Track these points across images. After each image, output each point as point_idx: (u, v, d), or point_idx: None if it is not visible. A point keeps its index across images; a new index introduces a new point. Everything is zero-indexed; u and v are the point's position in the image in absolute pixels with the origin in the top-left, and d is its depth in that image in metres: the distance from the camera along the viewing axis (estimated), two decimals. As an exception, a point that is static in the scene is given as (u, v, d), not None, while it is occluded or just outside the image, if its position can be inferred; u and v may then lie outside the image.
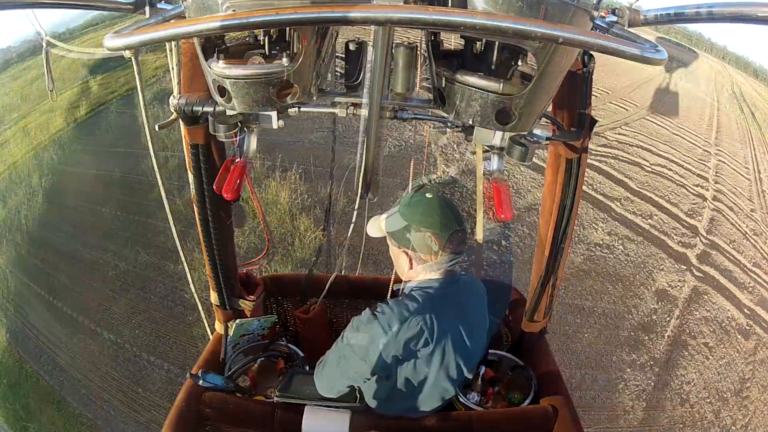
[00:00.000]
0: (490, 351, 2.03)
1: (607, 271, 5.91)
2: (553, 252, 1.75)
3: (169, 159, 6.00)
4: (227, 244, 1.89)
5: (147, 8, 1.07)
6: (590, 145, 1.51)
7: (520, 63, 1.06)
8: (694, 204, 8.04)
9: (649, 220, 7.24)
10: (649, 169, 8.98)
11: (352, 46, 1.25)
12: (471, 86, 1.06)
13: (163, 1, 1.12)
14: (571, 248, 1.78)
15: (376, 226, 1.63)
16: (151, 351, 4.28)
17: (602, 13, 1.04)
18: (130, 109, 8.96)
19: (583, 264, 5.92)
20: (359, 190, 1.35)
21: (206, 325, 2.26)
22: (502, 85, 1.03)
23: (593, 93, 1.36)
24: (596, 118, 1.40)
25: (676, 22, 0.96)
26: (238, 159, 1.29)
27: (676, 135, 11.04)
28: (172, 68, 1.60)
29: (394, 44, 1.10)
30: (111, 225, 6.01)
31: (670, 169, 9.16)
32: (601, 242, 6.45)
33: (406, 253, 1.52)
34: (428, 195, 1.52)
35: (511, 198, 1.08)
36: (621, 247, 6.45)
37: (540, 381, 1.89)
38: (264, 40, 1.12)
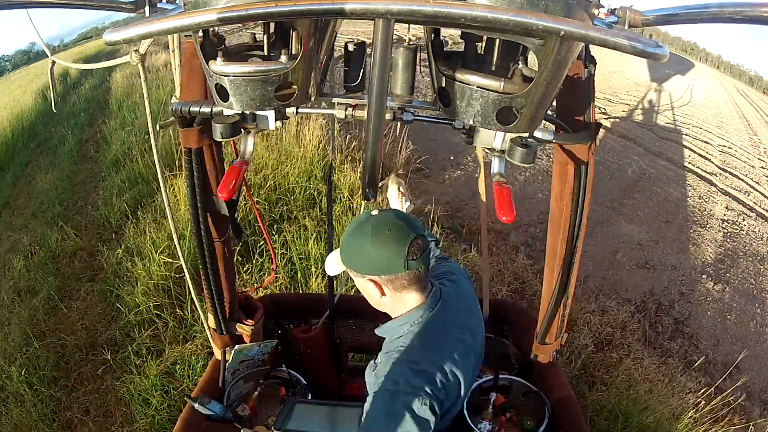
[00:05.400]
0: (500, 376, 1.95)
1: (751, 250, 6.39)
2: (566, 267, 1.64)
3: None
4: (225, 262, 1.78)
5: (147, 8, 1.05)
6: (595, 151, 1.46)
7: (520, 63, 1.06)
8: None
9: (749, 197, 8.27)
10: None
11: (351, 47, 1.24)
12: (472, 85, 1.05)
13: (163, 1, 1.10)
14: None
15: (334, 262, 1.46)
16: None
17: (602, 14, 1.01)
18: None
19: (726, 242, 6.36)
20: (363, 191, 1.30)
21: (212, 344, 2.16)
22: (503, 83, 1.02)
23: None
24: (600, 122, 1.37)
25: (676, 22, 0.96)
26: (236, 161, 1.26)
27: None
28: (175, 69, 1.59)
29: (394, 44, 1.07)
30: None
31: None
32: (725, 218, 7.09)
33: (373, 281, 1.36)
34: (373, 213, 1.37)
35: (512, 200, 1.07)
36: (745, 223, 7.11)
37: (554, 406, 1.81)
38: (264, 39, 1.13)
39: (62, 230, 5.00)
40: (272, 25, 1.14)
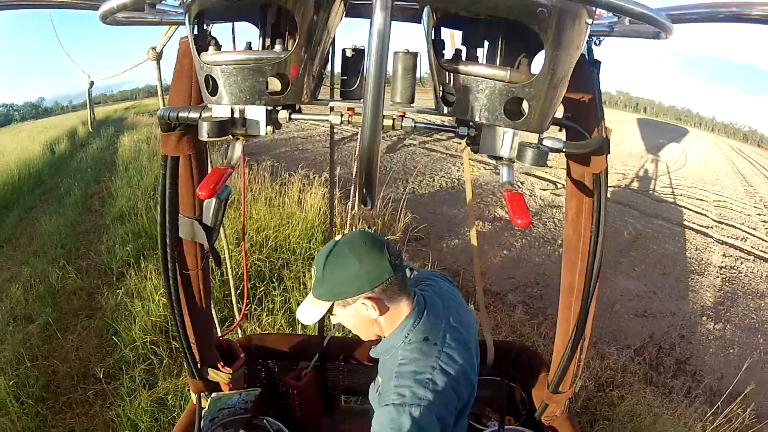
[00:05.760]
0: (507, 427, 1.85)
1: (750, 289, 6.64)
2: (584, 303, 1.49)
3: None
4: (199, 296, 1.62)
5: (147, 8, 1.08)
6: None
7: (525, 55, 1.03)
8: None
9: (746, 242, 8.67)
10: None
11: (349, 53, 1.22)
12: (477, 76, 1.00)
13: (163, 1, 1.11)
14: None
15: (308, 309, 1.40)
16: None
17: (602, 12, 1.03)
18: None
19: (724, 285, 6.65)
20: (357, 200, 1.37)
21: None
22: (509, 72, 0.98)
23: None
24: (609, 127, 1.30)
25: (676, 22, 0.93)
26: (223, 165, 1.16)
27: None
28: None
29: (392, 52, 1.06)
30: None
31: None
32: (722, 264, 7.40)
33: (369, 298, 1.33)
34: (337, 238, 1.37)
35: (526, 204, 0.99)
36: (743, 266, 7.39)
37: None
38: (260, 33, 1.11)
39: (64, 269, 5.23)
40: (269, 21, 1.11)
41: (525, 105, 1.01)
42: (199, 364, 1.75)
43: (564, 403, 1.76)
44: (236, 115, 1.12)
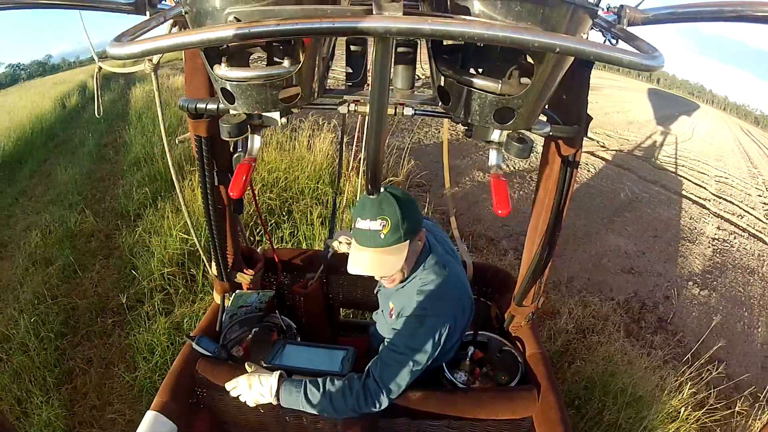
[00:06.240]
0: (480, 332, 2.08)
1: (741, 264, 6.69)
2: (546, 242, 1.74)
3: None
4: (231, 220, 1.97)
5: (147, 9, 1.10)
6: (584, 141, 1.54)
7: (517, 66, 1.06)
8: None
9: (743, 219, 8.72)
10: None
11: (353, 48, 1.31)
12: (470, 87, 1.07)
13: (163, 1, 1.14)
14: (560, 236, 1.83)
15: (384, 260, 1.55)
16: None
17: (602, 12, 1.06)
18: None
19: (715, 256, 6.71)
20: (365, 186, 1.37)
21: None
22: (500, 85, 1.04)
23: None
24: (591, 115, 1.42)
25: (676, 21, 0.96)
26: (244, 158, 1.28)
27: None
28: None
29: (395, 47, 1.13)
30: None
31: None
32: (715, 236, 7.46)
33: (418, 238, 1.62)
34: (372, 197, 1.51)
35: (509, 193, 1.08)
36: (736, 241, 7.49)
37: (527, 363, 1.92)
38: (266, 45, 1.16)
39: (82, 213, 5.37)
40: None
41: (514, 111, 1.07)
42: (229, 268, 2.07)
43: (527, 315, 2.02)
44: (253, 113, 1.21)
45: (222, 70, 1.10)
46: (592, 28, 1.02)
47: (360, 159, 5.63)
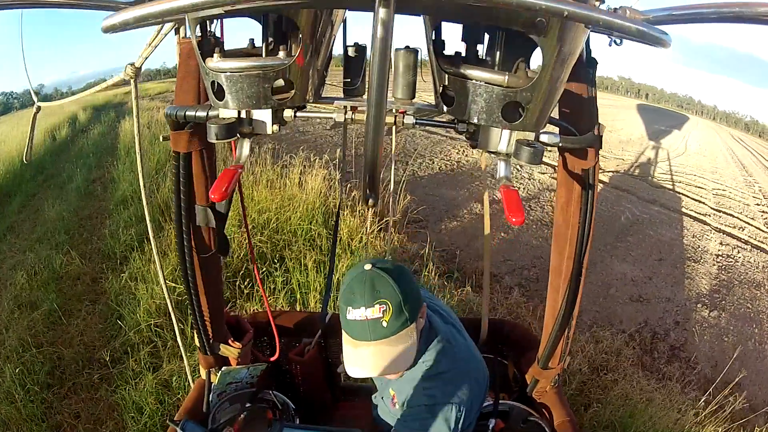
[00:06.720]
0: (500, 401, 1.89)
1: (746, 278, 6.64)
2: (572, 285, 1.54)
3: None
4: (210, 278, 1.70)
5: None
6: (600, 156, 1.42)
7: (523, 59, 1.04)
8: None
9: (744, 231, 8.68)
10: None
11: (351, 52, 1.25)
12: (476, 80, 1.03)
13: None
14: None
15: (392, 351, 1.31)
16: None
17: None
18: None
19: (720, 274, 6.63)
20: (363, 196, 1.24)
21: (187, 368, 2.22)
22: (507, 77, 1.00)
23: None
24: (604, 125, 1.34)
25: (675, 22, 0.94)
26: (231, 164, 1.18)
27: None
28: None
29: (394, 50, 1.07)
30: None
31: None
32: (719, 253, 7.38)
33: (420, 315, 1.40)
34: (366, 267, 1.35)
35: (521, 202, 1.01)
36: (740, 255, 7.42)
37: None
38: (262, 35, 1.13)
39: (68, 254, 5.20)
40: (271, 23, 1.14)
41: (522, 107, 1.03)
42: (211, 340, 1.83)
43: (553, 378, 1.82)
44: (243, 115, 1.14)
45: (215, 62, 1.07)
46: (592, 30, 1.01)
47: (354, 196, 5.65)
